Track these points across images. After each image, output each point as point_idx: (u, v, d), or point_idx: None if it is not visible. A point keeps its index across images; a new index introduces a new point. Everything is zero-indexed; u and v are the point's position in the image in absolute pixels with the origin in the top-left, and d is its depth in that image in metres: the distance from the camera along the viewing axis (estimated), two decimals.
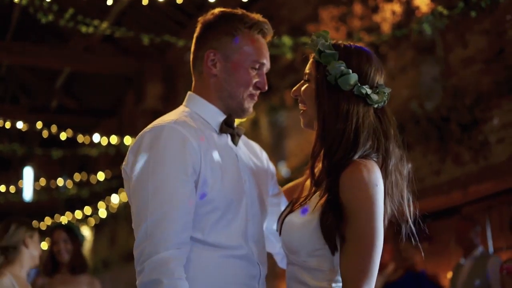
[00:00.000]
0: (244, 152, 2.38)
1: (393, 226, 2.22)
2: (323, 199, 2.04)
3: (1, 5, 12.09)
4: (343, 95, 2.08)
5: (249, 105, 2.32)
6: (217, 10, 2.32)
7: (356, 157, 2.05)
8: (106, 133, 10.51)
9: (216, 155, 2.17)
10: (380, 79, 2.18)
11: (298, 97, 2.22)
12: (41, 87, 16.15)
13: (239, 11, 2.32)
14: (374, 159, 2.09)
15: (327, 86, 2.09)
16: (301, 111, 2.21)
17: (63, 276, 5.08)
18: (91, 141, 10.07)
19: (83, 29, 5.52)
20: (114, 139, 9.85)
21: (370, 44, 7.14)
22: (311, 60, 2.19)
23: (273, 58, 2.47)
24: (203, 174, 2.10)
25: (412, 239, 2.16)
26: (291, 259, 2.14)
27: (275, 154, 8.54)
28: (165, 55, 12.83)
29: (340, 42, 2.18)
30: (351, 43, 2.20)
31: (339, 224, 1.99)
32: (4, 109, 13.64)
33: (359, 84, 2.08)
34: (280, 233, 2.14)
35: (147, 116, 13.07)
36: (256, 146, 2.55)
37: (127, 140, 9.84)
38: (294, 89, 2.24)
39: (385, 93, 2.16)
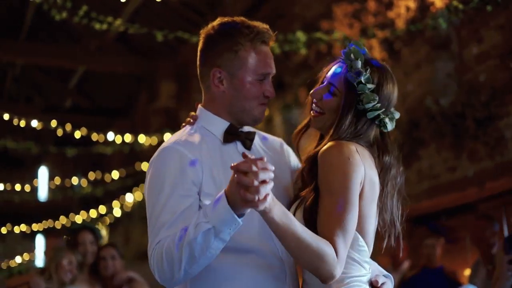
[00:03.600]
0: (259, 153, 2.39)
1: (408, 224, 2.25)
2: (311, 187, 2.19)
3: (14, 6, 12.18)
4: (365, 118, 2.24)
5: (261, 114, 2.36)
6: (216, 23, 2.33)
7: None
8: (120, 132, 10.54)
9: (218, 166, 2.24)
10: (395, 103, 2.33)
11: (317, 101, 2.31)
12: (54, 87, 16.22)
13: (238, 20, 2.32)
14: (365, 146, 2.24)
15: (354, 109, 2.23)
16: (315, 114, 2.32)
17: (85, 276, 5.14)
18: (105, 139, 10.09)
19: (97, 26, 5.54)
20: (128, 138, 9.87)
21: (384, 40, 7.11)
22: (341, 75, 2.27)
23: (286, 56, 2.50)
24: (204, 186, 2.19)
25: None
26: None
27: None
28: (177, 54, 12.84)
29: (375, 66, 2.27)
30: (384, 65, 2.32)
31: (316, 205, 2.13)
32: (18, 109, 13.69)
33: (382, 116, 2.25)
34: None
35: (160, 115, 13.11)
36: (276, 142, 2.57)
37: (141, 138, 9.86)
38: (314, 92, 2.32)
39: (394, 118, 2.31)
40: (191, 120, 2.39)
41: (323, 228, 2.06)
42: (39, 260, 14.27)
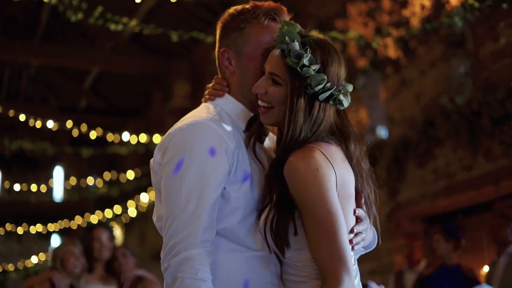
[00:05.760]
0: (268, 148, 2.33)
1: (424, 223, 2.24)
2: (272, 195, 2.04)
3: (30, 7, 12.25)
4: (318, 101, 2.06)
5: None
6: (231, 9, 2.28)
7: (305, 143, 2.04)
8: (135, 132, 10.57)
9: (247, 158, 2.13)
10: (344, 76, 2.13)
11: (262, 95, 2.12)
12: (69, 88, 16.30)
13: (250, 4, 2.25)
14: (330, 142, 2.07)
15: (304, 95, 2.05)
16: (264, 110, 2.12)
17: (100, 273, 5.18)
18: (121, 139, 10.13)
19: (112, 26, 5.56)
20: (143, 138, 9.90)
21: (399, 39, 7.08)
22: (280, 63, 2.08)
23: None
24: (231, 174, 2.07)
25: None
26: (277, 255, 2.10)
27: None
28: (192, 54, 12.86)
29: (314, 42, 2.10)
30: (323, 39, 2.16)
31: (287, 219, 1.99)
32: (34, 109, 13.79)
33: (335, 94, 2.07)
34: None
35: (175, 115, 13.12)
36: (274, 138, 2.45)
37: (156, 138, 9.88)
38: (258, 85, 2.12)
39: (348, 91, 2.12)
40: (220, 93, 2.25)
41: (317, 254, 1.95)
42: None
